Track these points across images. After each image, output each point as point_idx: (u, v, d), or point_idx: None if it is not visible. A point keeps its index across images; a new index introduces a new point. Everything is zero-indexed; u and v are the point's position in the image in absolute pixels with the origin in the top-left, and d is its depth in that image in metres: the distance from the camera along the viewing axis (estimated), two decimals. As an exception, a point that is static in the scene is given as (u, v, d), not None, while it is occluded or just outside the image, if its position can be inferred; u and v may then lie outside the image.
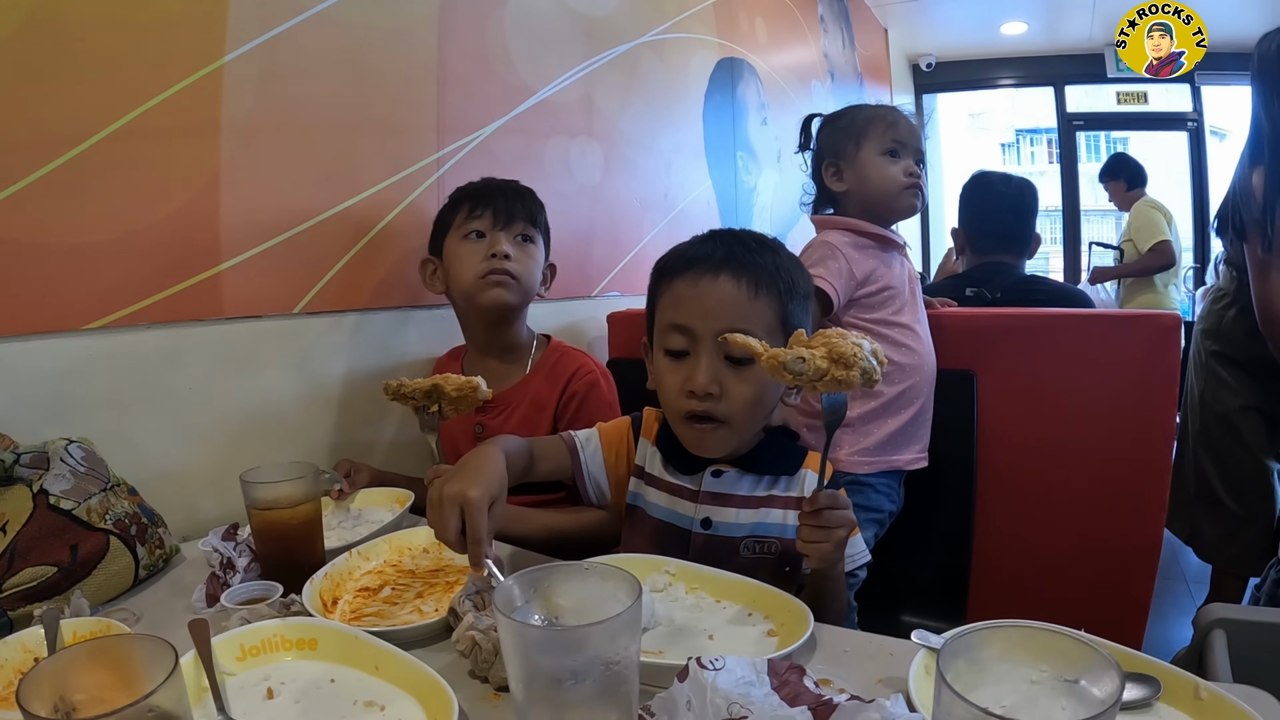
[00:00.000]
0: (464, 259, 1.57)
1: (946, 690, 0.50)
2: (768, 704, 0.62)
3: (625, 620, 0.57)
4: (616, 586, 0.63)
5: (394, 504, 1.41)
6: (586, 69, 2.25)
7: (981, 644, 0.57)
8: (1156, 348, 1.57)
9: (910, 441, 1.61)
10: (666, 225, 2.64)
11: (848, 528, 0.98)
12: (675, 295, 1.14)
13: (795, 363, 0.92)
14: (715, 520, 1.15)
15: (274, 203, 1.51)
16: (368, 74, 1.66)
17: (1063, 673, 0.56)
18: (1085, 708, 0.54)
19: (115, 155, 1.27)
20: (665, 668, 0.75)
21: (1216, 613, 1.37)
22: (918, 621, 1.62)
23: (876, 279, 1.59)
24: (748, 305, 1.11)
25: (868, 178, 1.64)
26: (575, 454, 1.24)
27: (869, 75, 4.68)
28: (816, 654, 0.89)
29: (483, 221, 1.58)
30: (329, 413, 1.64)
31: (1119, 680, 0.52)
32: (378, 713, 0.77)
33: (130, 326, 1.32)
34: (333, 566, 1.07)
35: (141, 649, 0.63)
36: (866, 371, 0.92)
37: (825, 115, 1.78)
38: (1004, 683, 0.57)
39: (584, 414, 1.57)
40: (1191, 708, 0.75)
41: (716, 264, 1.12)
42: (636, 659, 0.61)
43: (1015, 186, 2.39)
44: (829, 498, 0.98)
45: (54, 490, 1.08)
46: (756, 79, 3.27)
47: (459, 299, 1.62)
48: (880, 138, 1.64)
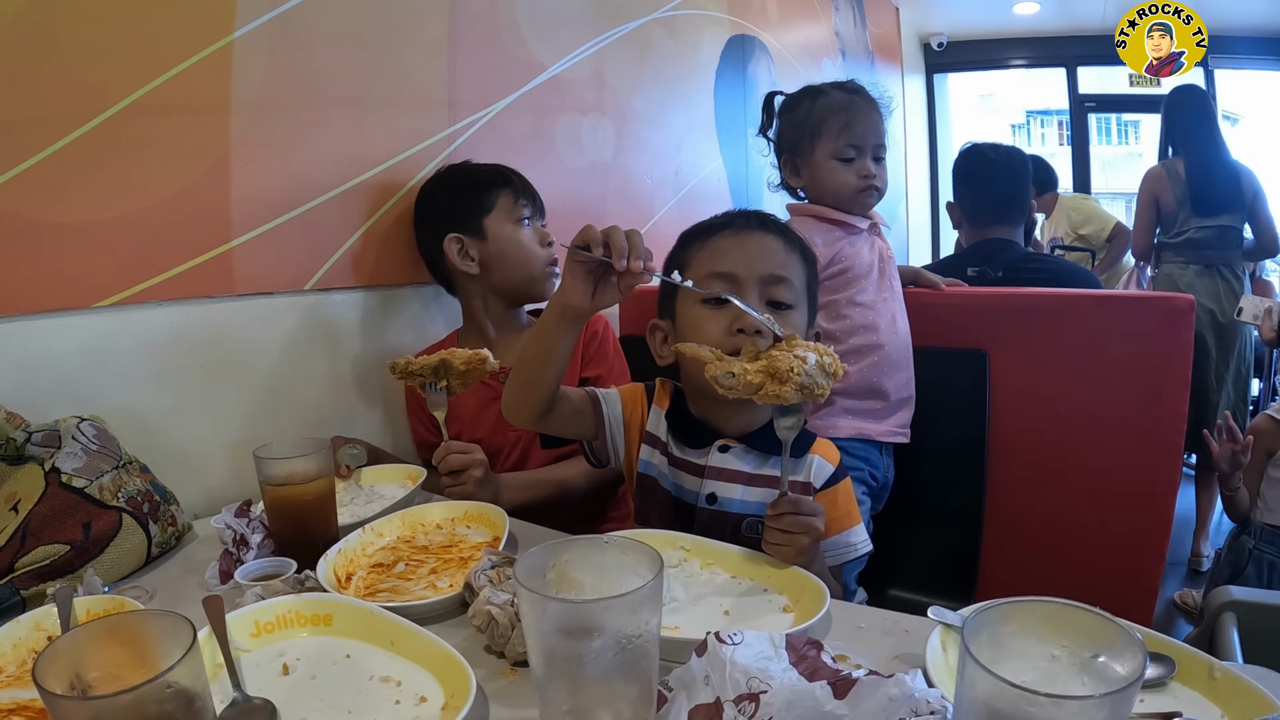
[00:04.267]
0: (526, 246, 1.65)
1: (972, 663, 0.50)
2: (787, 678, 0.62)
3: (647, 593, 0.57)
4: (638, 560, 0.63)
5: (406, 480, 1.40)
6: (598, 45, 2.24)
7: (1002, 619, 0.56)
8: (1170, 329, 1.56)
9: (884, 416, 1.60)
10: (677, 203, 2.62)
11: (812, 535, 0.99)
12: (714, 248, 1.17)
13: (725, 377, 0.96)
14: (720, 496, 1.16)
15: (284, 179, 1.50)
16: (378, 49, 1.65)
17: (1083, 649, 0.56)
18: (1106, 684, 0.53)
19: (125, 132, 1.27)
20: (683, 642, 0.75)
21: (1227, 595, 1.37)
22: (929, 601, 1.63)
23: (839, 261, 1.59)
24: (785, 256, 1.16)
25: (821, 181, 1.63)
26: (598, 406, 1.24)
27: (880, 54, 4.64)
28: (832, 630, 0.89)
29: (528, 209, 1.65)
30: (341, 389, 1.64)
31: (1141, 657, 0.51)
32: (394, 688, 0.77)
33: (142, 304, 1.32)
34: (346, 543, 1.08)
35: (158, 625, 0.63)
36: (806, 387, 0.94)
37: (786, 97, 1.74)
38: (1023, 658, 0.56)
39: (606, 349, 1.65)
40: (1206, 688, 0.76)
41: (753, 223, 1.19)
42: (657, 633, 0.61)
43: (1006, 154, 2.38)
44: (791, 503, 0.99)
45: (66, 469, 1.08)
46: (768, 56, 3.24)
47: (505, 282, 1.65)
48: (834, 140, 1.61)
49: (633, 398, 1.27)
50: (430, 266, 1.71)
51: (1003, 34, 5.66)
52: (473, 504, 1.23)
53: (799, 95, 1.70)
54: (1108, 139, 7.75)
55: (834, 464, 1.17)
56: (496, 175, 1.66)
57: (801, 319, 1.17)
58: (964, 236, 2.49)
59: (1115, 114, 6.97)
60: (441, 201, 1.66)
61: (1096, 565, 1.63)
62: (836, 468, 1.17)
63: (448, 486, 1.32)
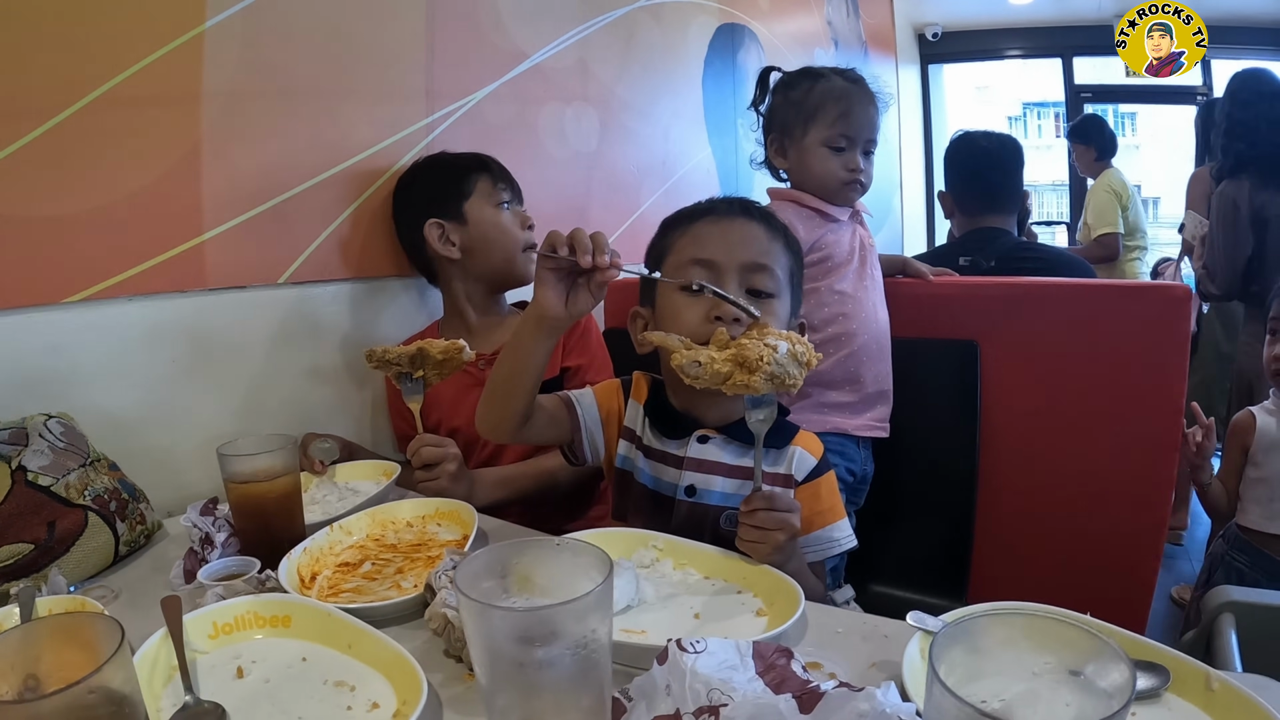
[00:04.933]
0: (507, 229, 1.64)
1: (938, 685, 0.46)
2: (750, 690, 0.59)
3: (594, 600, 0.54)
4: (589, 564, 0.59)
5: (381, 476, 1.38)
6: (582, 33, 2.20)
7: (980, 632, 0.53)
8: (1166, 319, 1.52)
9: (860, 411, 1.57)
10: (665, 193, 2.59)
11: (786, 532, 0.96)
12: (695, 235, 1.16)
13: (691, 366, 0.94)
14: (699, 488, 1.14)
15: (257, 170, 1.48)
16: (354, 38, 1.62)
17: (1067, 663, 0.52)
18: (1091, 701, 0.50)
19: (93, 125, 1.25)
20: (648, 648, 0.72)
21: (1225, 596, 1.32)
22: (918, 598, 1.60)
23: (819, 248, 1.57)
24: (767, 243, 1.15)
25: (808, 166, 1.60)
26: (573, 409, 1.22)
27: (874, 44, 4.60)
28: (808, 635, 0.86)
29: (507, 193, 1.65)
30: (320, 384, 1.62)
31: (1129, 676, 0.47)
32: (348, 693, 0.75)
33: (111, 299, 1.30)
34: (312, 541, 1.05)
35: (91, 628, 0.60)
36: (776, 377, 0.92)
37: (784, 75, 1.71)
38: (1002, 674, 0.53)
39: (589, 341, 1.65)
40: (1202, 699, 0.71)
41: (736, 210, 1.18)
42: (608, 641, 0.57)
43: (997, 141, 2.36)
44: (765, 499, 0.97)
45: (32, 467, 1.07)
46: (758, 45, 3.20)
47: (486, 265, 1.64)
48: (828, 128, 1.57)
49: (608, 394, 1.25)
50: (411, 256, 1.70)
51: (997, 24, 5.64)
52: (444, 501, 1.20)
53: (798, 75, 1.67)
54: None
55: (817, 456, 1.15)
56: (474, 161, 1.66)
57: (784, 308, 1.15)
58: (956, 226, 2.47)
59: (1112, 105, 6.93)
60: (420, 189, 1.65)
61: (1091, 560, 1.60)
62: (820, 460, 1.15)
63: (421, 481, 1.29)
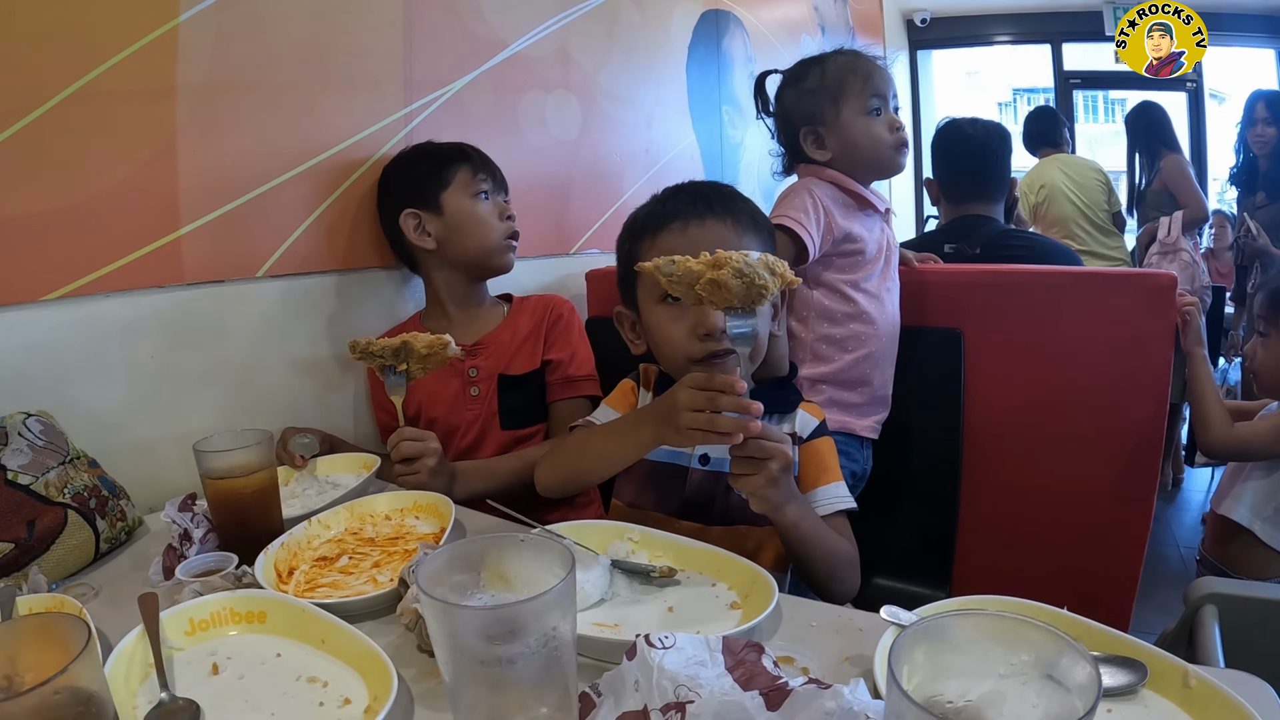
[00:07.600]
0: (484, 219, 1.64)
1: (896, 691, 0.46)
2: (718, 686, 0.58)
3: (554, 598, 0.54)
4: (551, 560, 0.59)
5: (360, 469, 1.37)
6: (562, 20, 2.18)
7: (946, 631, 0.52)
8: (1151, 308, 1.52)
9: (866, 413, 1.56)
10: (649, 181, 2.57)
11: (779, 460, 0.95)
12: (665, 248, 1.14)
13: (666, 264, 0.93)
14: (714, 456, 1.18)
15: (234, 164, 1.47)
16: (330, 29, 1.60)
17: (1035, 663, 0.51)
18: (1058, 701, 0.49)
19: (66, 122, 1.24)
20: (620, 643, 0.72)
21: (1208, 587, 1.29)
22: (902, 587, 1.60)
23: (854, 239, 1.52)
24: (738, 243, 1.14)
25: (855, 143, 1.53)
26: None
27: (861, 30, 4.57)
28: (781, 629, 0.85)
29: (487, 184, 1.65)
30: (302, 377, 1.61)
31: (1095, 676, 0.47)
32: (320, 689, 0.75)
33: (88, 296, 1.29)
34: (289, 536, 1.05)
35: (60, 628, 0.61)
36: (745, 275, 0.89)
37: (784, 74, 1.65)
38: (968, 675, 0.52)
39: (570, 333, 1.68)
40: (1179, 696, 0.70)
41: (700, 212, 1.17)
42: (571, 637, 0.57)
43: (983, 129, 2.33)
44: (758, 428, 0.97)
45: (11, 465, 1.06)
46: (743, 32, 3.18)
47: (463, 255, 1.64)
48: (859, 96, 1.52)
49: (623, 400, 1.30)
50: (393, 246, 1.70)
51: (987, 9, 5.63)
52: (422, 494, 1.20)
53: (801, 67, 1.62)
54: (1094, 116, 7.72)
55: (819, 420, 1.20)
56: (455, 152, 1.65)
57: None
58: (942, 213, 2.46)
59: (1101, 91, 6.93)
60: (400, 180, 1.65)
61: (1075, 549, 1.61)
62: (820, 423, 1.20)
63: (400, 474, 1.29)
